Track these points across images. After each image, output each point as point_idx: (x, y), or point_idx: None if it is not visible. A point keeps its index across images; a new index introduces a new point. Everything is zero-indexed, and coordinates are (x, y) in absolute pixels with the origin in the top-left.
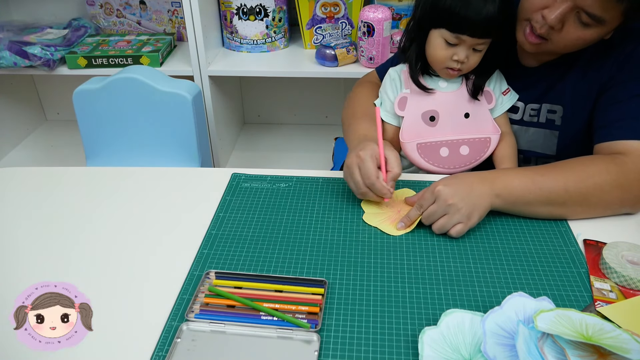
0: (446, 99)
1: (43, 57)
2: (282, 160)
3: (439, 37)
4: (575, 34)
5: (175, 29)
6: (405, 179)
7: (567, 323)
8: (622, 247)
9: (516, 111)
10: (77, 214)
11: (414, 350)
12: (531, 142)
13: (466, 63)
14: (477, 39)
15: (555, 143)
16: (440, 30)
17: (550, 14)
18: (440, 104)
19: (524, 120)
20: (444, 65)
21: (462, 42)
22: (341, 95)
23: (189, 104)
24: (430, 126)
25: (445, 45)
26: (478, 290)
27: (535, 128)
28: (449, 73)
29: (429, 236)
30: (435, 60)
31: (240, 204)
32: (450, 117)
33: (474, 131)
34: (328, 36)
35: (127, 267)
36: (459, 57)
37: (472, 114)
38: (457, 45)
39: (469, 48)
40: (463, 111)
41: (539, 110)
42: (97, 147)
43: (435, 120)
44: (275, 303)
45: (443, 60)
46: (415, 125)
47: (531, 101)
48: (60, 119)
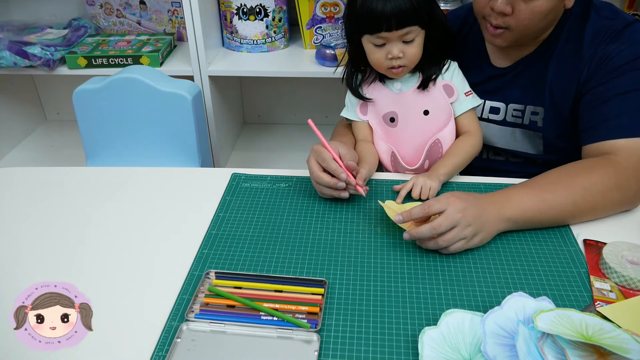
0: (402, 99)
1: (43, 57)
2: (282, 160)
3: (367, 42)
4: (527, 10)
5: (175, 29)
6: (402, 179)
7: (567, 323)
8: (622, 247)
9: (497, 112)
10: (77, 214)
11: (414, 350)
12: (518, 143)
13: (405, 57)
14: (397, 32)
15: (540, 143)
16: (365, 37)
17: (496, 3)
18: (397, 105)
19: (507, 121)
20: (385, 66)
21: (387, 40)
22: (341, 95)
23: (189, 104)
24: (392, 127)
25: (375, 48)
26: (478, 290)
27: (520, 129)
28: (395, 72)
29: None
30: (376, 65)
31: (240, 204)
32: (409, 116)
33: (434, 127)
34: (328, 36)
35: (127, 267)
36: (393, 54)
37: (432, 110)
38: (385, 45)
39: (399, 42)
40: (422, 109)
41: (523, 111)
42: (97, 147)
43: (395, 121)
44: (275, 303)
45: (381, 62)
46: (378, 127)
47: (512, 101)
48: (60, 119)
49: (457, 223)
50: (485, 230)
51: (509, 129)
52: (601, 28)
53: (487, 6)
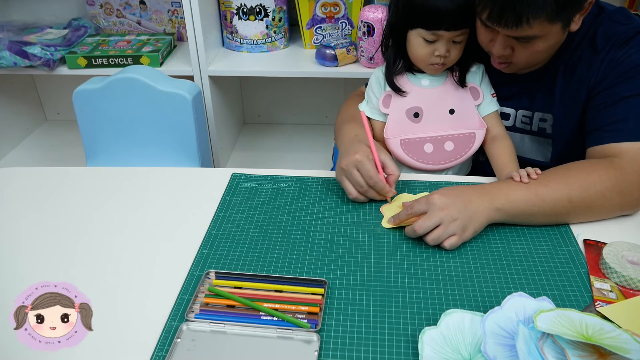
0: (430, 96)
1: (43, 57)
2: (282, 160)
3: (417, 36)
4: (526, 52)
5: (175, 29)
6: (405, 179)
7: (567, 323)
8: (622, 247)
9: (507, 118)
10: (77, 214)
11: (414, 350)
12: (526, 149)
13: (449, 57)
14: (454, 32)
15: (549, 150)
16: (417, 30)
17: (494, 49)
18: (424, 101)
19: (516, 127)
20: (427, 62)
21: (440, 38)
22: (341, 95)
23: (189, 104)
24: (415, 122)
25: (425, 43)
26: (478, 290)
27: (529, 135)
28: (434, 69)
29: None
30: (418, 60)
31: (240, 204)
32: (434, 113)
33: (459, 127)
34: (328, 36)
35: (127, 267)
36: (440, 53)
37: (457, 109)
38: (435, 42)
39: (448, 42)
40: (447, 107)
41: (531, 118)
42: (97, 147)
43: (419, 117)
44: (275, 303)
45: (426, 58)
46: (399, 122)
47: (521, 108)
48: (60, 119)
49: (441, 221)
50: (475, 221)
51: (517, 135)
52: (613, 34)
53: (488, 46)
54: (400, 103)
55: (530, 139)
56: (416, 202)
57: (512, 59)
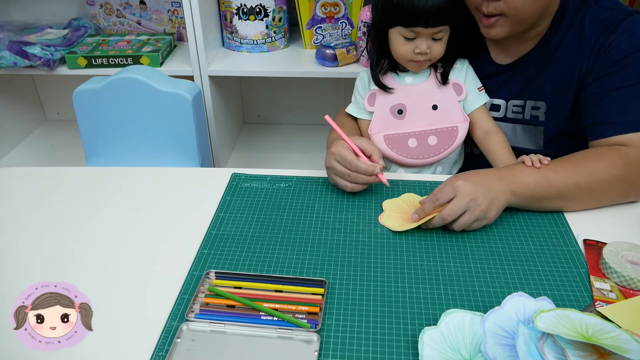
0: (413, 93)
1: (43, 57)
2: (282, 160)
3: (397, 34)
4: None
5: (175, 29)
6: (405, 179)
7: (567, 323)
8: (622, 247)
9: (498, 109)
10: (77, 214)
11: (414, 350)
12: (518, 139)
13: (430, 53)
14: (432, 29)
15: (541, 138)
16: (396, 29)
17: None
18: (407, 98)
19: (508, 117)
20: (409, 59)
21: (419, 35)
22: (341, 95)
23: (189, 104)
24: (398, 119)
25: (404, 40)
26: (478, 290)
27: (521, 125)
28: (416, 65)
29: (429, 236)
30: (400, 57)
31: (240, 204)
32: (418, 109)
33: (442, 121)
34: (328, 36)
35: (127, 267)
36: (421, 50)
37: (440, 105)
38: (415, 39)
39: (428, 38)
40: (431, 103)
41: (523, 107)
42: (97, 147)
43: (403, 113)
44: (275, 303)
45: (407, 55)
46: (384, 118)
47: (512, 98)
48: (60, 119)
49: (468, 207)
50: (496, 204)
51: (509, 125)
52: (601, 19)
53: (476, 1)
54: (385, 100)
55: (522, 128)
56: (441, 192)
57: (501, 7)
